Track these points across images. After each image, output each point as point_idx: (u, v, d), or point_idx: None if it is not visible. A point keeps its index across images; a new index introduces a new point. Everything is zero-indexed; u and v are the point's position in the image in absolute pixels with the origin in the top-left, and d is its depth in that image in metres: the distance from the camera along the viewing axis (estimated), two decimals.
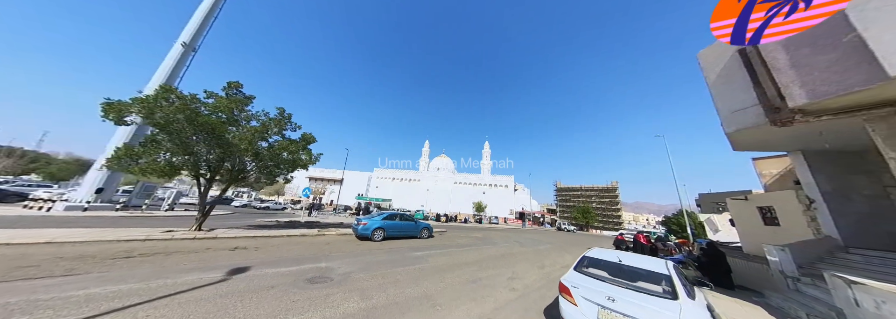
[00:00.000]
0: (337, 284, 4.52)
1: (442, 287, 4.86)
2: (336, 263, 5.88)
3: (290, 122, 9.75)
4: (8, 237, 5.39)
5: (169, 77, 15.14)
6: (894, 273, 4.77)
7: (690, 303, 2.52)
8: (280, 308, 3.39)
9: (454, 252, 8.77)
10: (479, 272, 6.36)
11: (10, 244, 5.04)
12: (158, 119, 6.57)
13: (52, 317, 2.75)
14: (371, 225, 9.37)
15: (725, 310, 5.04)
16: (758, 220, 8.78)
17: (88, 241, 5.78)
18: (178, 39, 15.89)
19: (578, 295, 2.94)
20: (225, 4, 18.73)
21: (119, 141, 13.24)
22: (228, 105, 8.11)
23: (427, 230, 11.50)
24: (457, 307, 4.00)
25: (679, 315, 2.32)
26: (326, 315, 3.32)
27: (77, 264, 4.42)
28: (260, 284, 4.19)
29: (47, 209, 10.92)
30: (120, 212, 12.21)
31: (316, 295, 3.93)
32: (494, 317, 3.77)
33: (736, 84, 5.99)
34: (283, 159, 9.40)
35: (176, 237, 6.80)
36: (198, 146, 7.27)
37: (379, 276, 5.17)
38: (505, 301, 4.49)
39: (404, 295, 4.26)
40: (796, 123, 4.86)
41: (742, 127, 5.90)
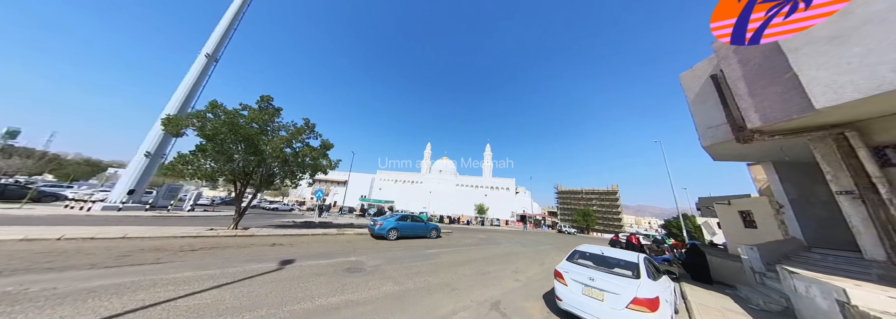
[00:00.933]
0: (371, 273, 5.44)
1: (457, 277, 5.77)
2: (364, 257, 6.79)
3: (313, 131, 10.73)
4: (87, 233, 6.34)
5: (193, 86, 16.23)
6: (842, 268, 5.62)
7: (649, 281, 3.42)
8: (336, 289, 4.32)
9: (462, 250, 9.67)
10: (487, 266, 7.26)
11: (96, 238, 5.99)
12: (208, 131, 7.55)
13: (172, 291, 3.67)
14: (386, 226, 10.29)
15: (699, 299, 5.91)
16: (739, 223, 9.63)
17: (152, 236, 6.73)
18: (202, 51, 16.99)
19: (569, 278, 3.85)
20: (243, 18, 19.89)
21: (149, 146, 14.27)
22: (262, 117, 9.10)
23: (436, 231, 12.40)
24: (471, 291, 4.91)
25: (637, 288, 3.22)
26: (373, 294, 4.24)
27: (158, 254, 5.37)
28: (310, 272, 5.12)
29: (88, 209, 11.90)
30: (150, 212, 13.20)
31: (358, 281, 4.85)
32: (503, 299, 4.67)
33: (709, 104, 6.93)
34: (307, 165, 10.36)
35: (220, 234, 7.74)
36: (237, 154, 8.25)
37: (403, 268, 6.08)
38: (510, 288, 5.40)
39: (428, 282, 5.18)
40: (756, 140, 5.78)
41: (715, 141, 6.82)
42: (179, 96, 15.60)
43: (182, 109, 15.50)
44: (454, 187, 57.26)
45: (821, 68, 4.27)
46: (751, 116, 5.47)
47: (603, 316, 3.32)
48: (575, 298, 3.65)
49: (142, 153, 14.09)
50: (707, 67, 7.22)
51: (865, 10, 3.88)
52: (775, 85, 5.07)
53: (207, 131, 7.49)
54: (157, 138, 14.52)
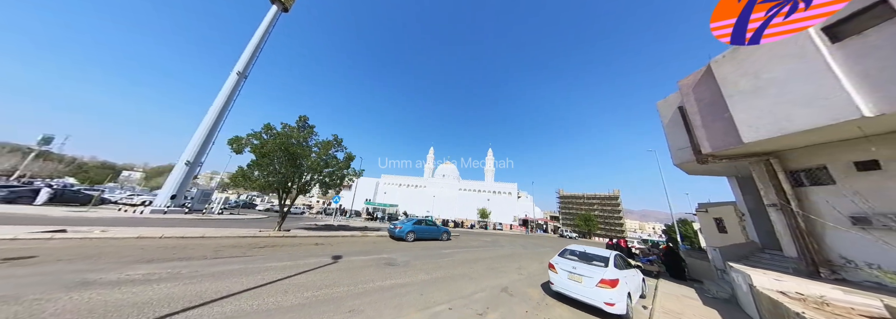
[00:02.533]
0: (405, 266, 6.91)
1: (473, 270, 7.22)
2: (394, 255, 8.26)
3: (340, 145, 12.31)
4: (175, 233, 7.86)
5: (227, 100, 17.99)
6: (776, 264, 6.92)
7: (614, 269, 4.83)
8: (384, 276, 5.79)
9: (473, 251, 11.10)
10: (495, 263, 8.70)
11: (185, 237, 7.53)
12: (265, 150, 9.12)
13: (275, 274, 5.15)
14: (405, 229, 11.75)
15: (667, 290, 7.30)
16: (714, 228, 11.00)
17: (222, 236, 8.24)
18: (234, 69, 18.82)
19: (559, 268, 5.29)
20: (269, 38, 21.81)
21: (188, 156, 15.94)
22: (302, 134, 10.70)
23: (447, 234, 13.84)
24: (485, 280, 6.36)
25: (604, 273, 4.66)
26: (412, 280, 5.71)
27: (240, 250, 6.87)
28: (358, 264, 6.59)
29: (141, 212, 13.49)
30: (189, 215, 14.76)
31: (397, 271, 6.32)
32: (509, 286, 6.11)
33: (678, 129, 8.42)
34: (336, 175, 11.91)
35: (271, 235, 9.24)
36: (283, 168, 9.81)
37: (429, 263, 7.55)
38: (515, 279, 6.83)
39: (451, 273, 6.64)
40: (710, 162, 7.26)
41: (683, 161, 8.30)
42: (215, 109, 17.34)
43: (217, 120, 17.26)
44: (457, 192, 58.54)
45: (745, 112, 5.79)
46: (704, 143, 6.98)
47: (581, 293, 4.77)
48: (562, 282, 5.10)
49: (183, 162, 15.74)
50: (677, 98, 8.75)
51: (769, 75, 5.40)
52: (719, 121, 6.58)
53: (264, 150, 9.07)
54: (195, 148, 16.20)
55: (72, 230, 6.75)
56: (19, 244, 5.52)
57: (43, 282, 3.68)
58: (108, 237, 6.69)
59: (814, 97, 4.70)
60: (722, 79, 6.33)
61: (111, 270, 4.44)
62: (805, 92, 4.84)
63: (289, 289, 4.40)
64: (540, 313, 4.58)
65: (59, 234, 6.37)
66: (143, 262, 5.06)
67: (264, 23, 20.95)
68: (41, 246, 5.50)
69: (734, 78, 6.08)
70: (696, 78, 7.34)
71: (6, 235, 5.69)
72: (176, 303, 3.39)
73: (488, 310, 4.43)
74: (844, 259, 5.22)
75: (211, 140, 17.26)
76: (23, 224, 7.33)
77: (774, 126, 5.28)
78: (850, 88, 4.32)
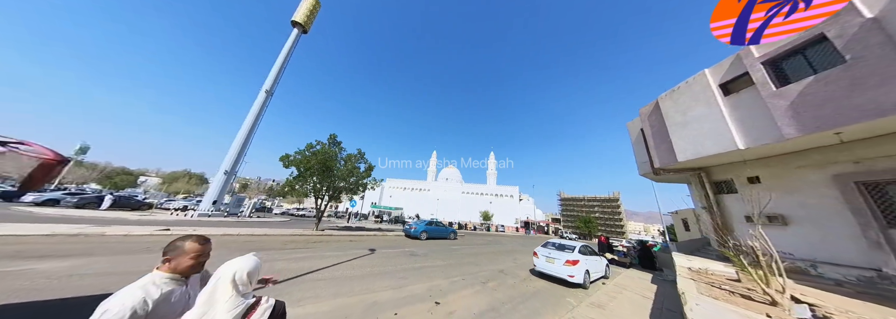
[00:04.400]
0: (424, 256, 8.97)
1: (477, 259, 9.27)
2: (414, 249, 10.32)
3: (362, 157, 14.48)
4: (238, 232, 9.99)
5: (256, 117, 20.31)
6: (711, 253, 8.91)
7: (578, 254, 6.85)
8: (411, 261, 7.84)
9: (477, 247, 13.14)
10: (495, 256, 10.73)
11: (253, 235, 9.65)
12: (309, 165, 11.28)
13: (338, 258, 7.23)
14: (419, 229, 13.82)
15: (631, 274, 9.27)
16: (682, 227, 12.96)
17: (278, 235, 10.36)
18: (262, 88, 21.18)
19: (540, 254, 7.33)
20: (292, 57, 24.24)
21: (226, 166, 18.20)
22: (334, 150, 12.89)
23: (454, 234, 15.88)
24: (488, 265, 8.41)
25: (570, 256, 6.70)
26: (434, 264, 7.76)
27: (301, 244, 8.97)
28: (390, 255, 8.66)
29: (191, 216, 15.69)
30: (229, 218, 16.95)
31: (420, 259, 8.37)
32: (505, 269, 8.15)
33: (641, 147, 10.47)
34: (360, 184, 14.06)
35: (314, 233, 11.36)
36: (321, 179, 11.96)
37: (443, 254, 9.61)
38: (510, 265, 8.87)
39: (461, 261, 8.69)
40: (662, 174, 9.30)
41: (645, 172, 10.33)
42: (246, 125, 19.65)
43: (249, 134, 19.58)
44: (460, 195, 60.47)
45: (678, 139, 7.85)
46: (656, 159, 9.04)
47: (553, 270, 6.80)
48: (541, 263, 7.14)
49: (222, 172, 18.00)
50: (639, 122, 10.81)
51: (692, 113, 7.47)
52: (664, 143, 8.64)
53: (308, 165, 11.24)
54: (231, 160, 18.47)
55: (174, 230, 8.92)
56: (163, 238, 7.67)
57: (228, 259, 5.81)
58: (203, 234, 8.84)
59: (714, 132, 6.76)
60: (665, 112, 8.41)
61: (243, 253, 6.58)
62: (710, 128, 6.90)
63: (353, 267, 6.50)
64: (524, 283, 6.62)
65: (168, 232, 8.53)
66: (248, 252, 7.19)
67: (287, 45, 23.38)
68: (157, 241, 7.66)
69: (672, 113, 8.15)
70: (651, 108, 9.41)
71: (143, 232, 7.87)
72: (299, 271, 5.50)
73: (489, 281, 6.49)
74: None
75: (244, 152, 19.54)
76: (122, 225, 9.49)
77: (694, 151, 7.33)
78: (733, 128, 6.37)
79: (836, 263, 5.40)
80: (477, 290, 5.59)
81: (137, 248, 6.41)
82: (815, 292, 4.56)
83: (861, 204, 5.04)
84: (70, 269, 4.41)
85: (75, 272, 4.27)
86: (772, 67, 5.76)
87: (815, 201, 5.79)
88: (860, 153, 5.16)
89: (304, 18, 24.20)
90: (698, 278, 5.42)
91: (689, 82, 7.69)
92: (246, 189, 61.51)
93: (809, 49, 5.21)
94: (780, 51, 5.57)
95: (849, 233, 5.21)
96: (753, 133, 5.96)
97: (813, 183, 5.85)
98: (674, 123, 8.05)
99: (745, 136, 6.11)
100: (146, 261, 5.43)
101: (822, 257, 5.67)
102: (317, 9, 25.82)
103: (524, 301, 5.14)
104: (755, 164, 6.97)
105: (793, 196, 6.19)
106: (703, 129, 7.08)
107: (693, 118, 7.42)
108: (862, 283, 4.85)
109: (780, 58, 5.65)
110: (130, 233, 7.65)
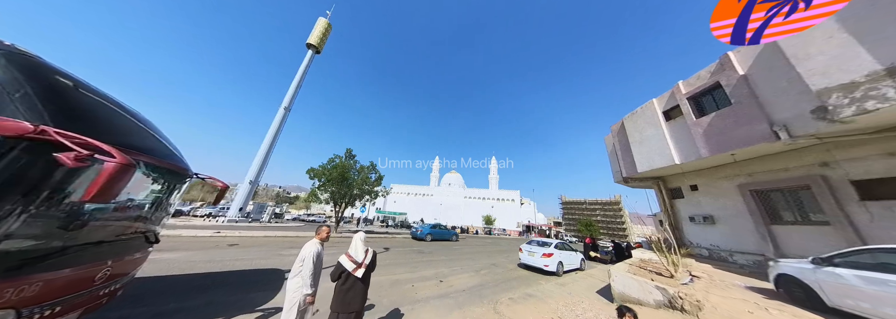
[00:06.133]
0: (432, 253, 10.71)
1: (475, 256, 10.98)
2: (422, 248, 12.06)
3: (374, 169, 16.39)
4: (273, 234, 11.82)
5: (276, 131, 22.47)
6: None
7: (553, 248, 8.52)
8: (421, 257, 9.60)
9: (476, 247, 14.83)
10: (492, 254, 12.42)
11: (285, 236, 11.50)
12: (331, 177, 13.20)
13: None
14: (425, 231, 15.56)
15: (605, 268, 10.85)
16: (658, 227, 14.48)
17: (306, 236, 12.18)
18: (282, 105, 23.43)
19: (524, 250, 9.03)
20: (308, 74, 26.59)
21: (251, 177, 20.25)
22: (350, 162, 14.83)
23: (456, 236, 17.57)
24: (483, 260, 10.12)
25: (545, 250, 8.39)
26: (439, 259, 9.50)
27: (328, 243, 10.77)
28: (403, 251, 10.42)
29: (222, 221, 17.65)
30: (253, 223, 18.87)
31: (427, 255, 10.11)
32: (497, 262, 9.84)
33: (614, 157, 12.19)
34: (372, 191, 15.93)
35: (334, 235, 13.16)
36: (340, 188, 13.85)
37: (446, 252, 11.33)
38: (502, 260, 10.56)
39: (461, 257, 10.42)
40: (631, 182, 11.00)
41: (618, 180, 12.03)
42: (268, 138, 21.81)
43: (270, 147, 21.71)
44: (462, 200, 61.96)
45: (637, 153, 9.58)
46: (623, 169, 10.76)
47: (532, 262, 8.48)
48: (524, 257, 8.84)
49: (247, 182, 20.06)
50: (611, 138, 12.57)
51: (645, 133, 9.22)
52: (629, 156, 10.37)
53: (330, 177, 13.17)
54: (255, 170, 20.54)
55: (223, 232, 10.81)
56: (221, 238, 9.54)
57: (267, 254, 7.64)
58: (249, 236, 10.72)
59: (660, 149, 8.50)
60: (628, 131, 10.17)
61: (294, 249, 8.41)
62: (657, 146, 8.65)
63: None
64: (510, 272, 8.32)
65: (219, 234, 10.41)
66: (297, 247, 9.04)
67: (303, 65, 25.77)
68: (224, 240, 9.53)
69: (632, 131, 9.91)
70: (619, 126, 11.18)
71: (203, 234, 9.76)
72: None
73: (482, 270, 8.21)
74: (690, 241, 8.84)
75: (266, 163, 21.63)
76: (180, 229, 11.40)
77: (649, 164, 9.06)
78: (672, 147, 8.12)
79: (743, 251, 7.00)
80: (471, 275, 7.34)
81: (209, 245, 8.31)
82: (711, 270, 6.25)
83: (754, 207, 6.68)
84: (185, 258, 6.29)
85: (189, 260, 6.15)
86: (693, 102, 7.53)
87: (730, 204, 7.43)
88: (751, 169, 6.84)
89: (317, 41, 26.67)
90: (641, 264, 7.09)
91: (643, 108, 9.48)
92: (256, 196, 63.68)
93: (715, 91, 6.97)
94: (697, 90, 7.35)
95: (749, 229, 6.83)
96: (684, 151, 7.69)
97: (727, 191, 7.50)
98: (634, 140, 9.81)
99: (680, 153, 7.84)
100: (223, 253, 7.30)
101: (736, 247, 7.27)
102: (328, 31, 28.33)
103: (506, 282, 6.88)
104: (693, 175, 8.67)
105: (717, 201, 7.84)
106: (654, 146, 8.82)
107: (646, 137, 9.18)
108: (754, 265, 6.45)
109: (698, 95, 7.42)
110: (197, 235, 9.59)
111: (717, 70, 6.75)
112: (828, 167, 5.62)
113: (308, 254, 2.90)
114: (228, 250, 7.70)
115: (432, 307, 4.48)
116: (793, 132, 5.20)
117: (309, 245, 3.01)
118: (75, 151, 1.81)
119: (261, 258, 6.94)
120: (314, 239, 3.17)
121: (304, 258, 2.87)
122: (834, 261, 3.75)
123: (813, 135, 5.10)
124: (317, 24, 27.19)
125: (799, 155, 6.01)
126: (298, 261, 2.91)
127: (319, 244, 3.10)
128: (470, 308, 4.50)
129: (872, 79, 4.11)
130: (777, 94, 5.43)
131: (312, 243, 3.09)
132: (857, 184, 5.20)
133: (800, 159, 6.01)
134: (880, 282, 3.25)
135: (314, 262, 2.86)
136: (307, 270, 2.79)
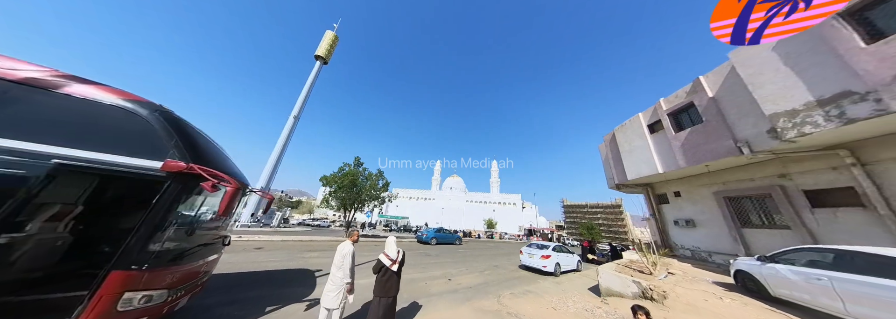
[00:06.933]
0: (438, 255, 11.49)
1: (478, 258, 11.76)
2: (428, 251, 12.84)
3: (382, 176, 17.26)
4: (290, 238, 12.63)
5: (286, 139, 23.47)
6: None
7: (550, 251, 9.30)
8: (428, 259, 10.39)
9: (478, 250, 15.57)
10: (494, 257, 13.19)
11: (302, 240, 12.31)
12: (342, 184, 14.09)
13: (373, 255, 9.83)
14: (429, 235, 16.33)
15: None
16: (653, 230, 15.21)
17: (322, 240, 12.98)
18: (291, 114, 24.48)
19: (524, 252, 9.82)
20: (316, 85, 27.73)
21: (262, 183, 21.15)
22: (359, 170, 15.73)
23: (459, 239, 18.32)
24: (485, 261, 10.89)
25: (543, 252, 9.17)
26: (445, 260, 10.29)
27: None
28: (411, 254, 11.07)
29: (237, 226, 18.46)
30: (265, 228, 19.69)
31: (433, 258, 10.90)
32: (498, 264, 10.62)
33: (608, 165, 13.04)
34: (379, 197, 16.77)
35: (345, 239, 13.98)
36: (350, 194, 14.71)
37: (451, 255, 12.11)
38: (504, 262, 11.33)
39: (465, 259, 11.20)
40: (623, 188, 11.82)
41: (611, 186, 12.85)
42: (278, 147, 22.80)
43: (280, 155, 22.66)
44: (464, 204, 62.55)
45: (627, 162, 10.43)
46: (615, 176, 11.60)
47: (532, 263, 9.26)
48: (524, 259, 9.62)
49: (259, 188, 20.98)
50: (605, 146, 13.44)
51: (633, 144, 10.09)
52: (619, 165, 11.22)
53: (342, 184, 14.05)
54: (266, 177, 21.46)
55: (245, 237, 11.65)
56: (251, 242, 10.37)
57: (292, 256, 8.48)
58: (268, 240, 11.56)
59: (646, 159, 9.35)
60: (618, 141, 11.03)
61: (313, 252, 9.24)
62: (644, 156, 9.50)
63: None
64: (511, 272, 9.10)
65: (241, 238, 11.25)
66: (316, 251, 9.87)
67: (311, 76, 26.92)
68: (249, 244, 10.36)
69: (622, 142, 10.78)
70: (611, 136, 12.05)
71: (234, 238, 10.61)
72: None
73: (486, 270, 9.00)
74: (675, 243, 9.62)
75: (277, 170, 22.57)
76: None
77: (636, 172, 9.90)
78: (656, 157, 8.97)
79: (720, 252, 7.77)
80: (476, 275, 8.13)
81: (238, 249, 9.14)
82: (689, 268, 7.05)
83: (727, 212, 7.48)
84: (224, 259, 7.13)
85: (228, 261, 6.98)
86: (672, 118, 8.41)
87: (708, 209, 8.23)
88: (724, 178, 7.67)
89: (325, 52, 27.89)
90: (628, 264, 7.88)
91: (631, 121, 10.37)
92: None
93: (690, 109, 7.85)
94: (676, 107, 8.23)
95: (725, 232, 7.61)
96: (666, 162, 8.54)
97: (706, 197, 8.31)
98: (624, 150, 10.67)
99: (663, 163, 8.69)
100: (253, 256, 8.14)
101: (714, 248, 8.04)
102: (336, 43, 29.60)
103: (508, 280, 7.67)
104: (676, 182, 9.50)
105: (697, 206, 8.65)
106: (641, 156, 9.67)
107: (634, 148, 10.04)
108: (729, 264, 7.23)
109: (676, 112, 8.30)
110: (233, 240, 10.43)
111: (691, 91, 7.65)
112: (785, 178, 6.45)
113: (348, 252, 3.73)
114: (256, 252, 8.55)
115: (445, 300, 5.30)
116: (754, 148, 6.06)
117: (347, 245, 3.84)
118: (210, 180, 2.72)
119: (288, 260, 7.77)
120: (347, 241, 4.01)
121: (346, 255, 3.71)
122: (775, 259, 4.57)
123: (769, 151, 5.96)
124: (324, 36, 28.45)
125: (762, 167, 6.85)
126: (339, 257, 3.74)
127: (352, 244, 3.95)
128: (477, 301, 5.31)
129: (808, 107, 4.99)
130: (740, 115, 6.32)
131: (348, 243, 3.92)
132: (808, 193, 6.03)
133: (762, 171, 6.85)
134: (808, 275, 4.06)
135: (353, 258, 3.70)
136: (348, 263, 3.63)
